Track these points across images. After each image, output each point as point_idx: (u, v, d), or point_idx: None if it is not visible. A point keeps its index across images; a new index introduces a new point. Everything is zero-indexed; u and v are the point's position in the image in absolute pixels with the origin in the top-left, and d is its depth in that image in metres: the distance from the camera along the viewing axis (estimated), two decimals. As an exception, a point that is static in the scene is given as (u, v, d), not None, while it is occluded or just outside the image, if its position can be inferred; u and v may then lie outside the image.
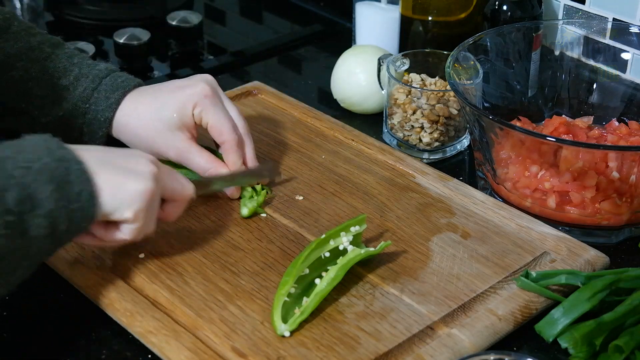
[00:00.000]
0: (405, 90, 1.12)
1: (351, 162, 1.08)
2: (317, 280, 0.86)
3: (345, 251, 0.89)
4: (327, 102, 1.25)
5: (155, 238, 0.92)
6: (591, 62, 1.16)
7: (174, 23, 1.45)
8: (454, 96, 1.10)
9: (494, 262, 0.92)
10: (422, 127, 1.11)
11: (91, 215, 0.79)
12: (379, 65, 1.15)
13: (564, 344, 0.83)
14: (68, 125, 1.01)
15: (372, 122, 1.20)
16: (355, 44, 1.32)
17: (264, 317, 0.84)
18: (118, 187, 0.80)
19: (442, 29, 1.25)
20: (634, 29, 1.13)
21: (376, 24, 1.28)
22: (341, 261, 0.87)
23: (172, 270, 0.90)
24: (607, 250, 0.95)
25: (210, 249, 0.93)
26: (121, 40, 1.38)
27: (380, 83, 1.17)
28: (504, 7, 1.17)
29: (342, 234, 0.89)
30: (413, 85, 1.14)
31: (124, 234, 0.83)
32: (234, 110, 1.01)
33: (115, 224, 0.83)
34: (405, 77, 1.16)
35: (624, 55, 1.15)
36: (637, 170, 0.95)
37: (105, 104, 0.99)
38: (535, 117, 1.14)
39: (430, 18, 1.23)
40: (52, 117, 1.00)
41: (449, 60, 1.05)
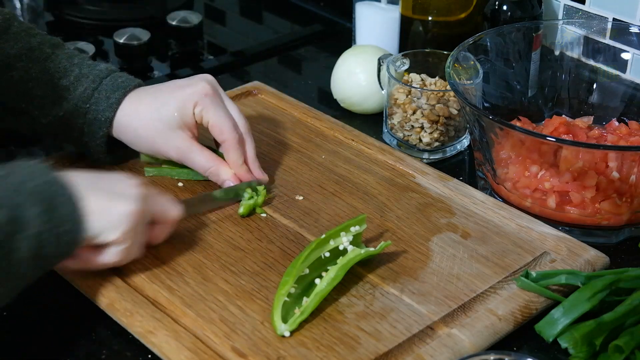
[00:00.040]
0: (405, 90, 1.12)
1: (351, 162, 1.08)
2: (317, 280, 0.86)
3: (345, 251, 0.89)
4: (327, 102, 1.25)
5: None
6: (591, 62, 1.16)
7: (174, 23, 1.45)
8: (454, 96, 1.09)
9: (494, 262, 0.92)
10: (422, 127, 1.11)
11: (78, 238, 0.80)
12: (379, 65, 1.15)
13: (564, 344, 0.83)
14: (68, 125, 1.01)
15: (372, 122, 1.20)
16: (355, 44, 1.32)
17: (264, 317, 0.84)
18: (105, 210, 0.81)
19: (442, 29, 1.25)
20: (634, 29, 1.13)
21: (376, 24, 1.28)
22: (341, 261, 0.87)
23: (172, 270, 0.90)
24: (607, 250, 0.95)
25: (210, 249, 0.93)
26: (121, 40, 1.38)
27: (380, 83, 1.16)
28: (504, 7, 1.17)
29: (342, 234, 0.89)
30: (413, 85, 1.14)
31: (111, 256, 0.84)
32: (235, 109, 1.01)
33: (102, 247, 0.83)
34: (405, 77, 1.16)
35: (624, 55, 1.15)
36: (637, 170, 0.95)
37: (105, 103, 0.99)
38: (535, 117, 1.14)
39: (430, 18, 1.23)
40: (53, 118, 1.00)
41: (449, 60, 1.05)
